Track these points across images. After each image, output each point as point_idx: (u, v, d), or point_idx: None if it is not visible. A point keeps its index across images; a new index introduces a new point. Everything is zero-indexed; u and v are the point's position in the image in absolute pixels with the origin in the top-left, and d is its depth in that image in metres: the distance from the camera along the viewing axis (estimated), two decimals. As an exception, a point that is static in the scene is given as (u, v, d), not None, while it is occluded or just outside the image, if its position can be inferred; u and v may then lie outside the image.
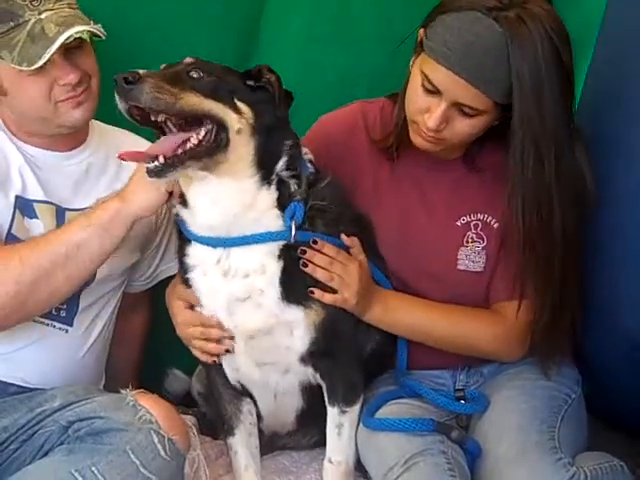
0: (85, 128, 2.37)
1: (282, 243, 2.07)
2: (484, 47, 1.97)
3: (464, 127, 2.09)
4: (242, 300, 2.08)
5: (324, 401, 2.23)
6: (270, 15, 2.67)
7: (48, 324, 2.25)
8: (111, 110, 2.37)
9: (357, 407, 2.24)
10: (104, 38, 2.19)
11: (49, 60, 2.09)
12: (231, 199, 2.03)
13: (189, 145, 1.95)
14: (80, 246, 2.07)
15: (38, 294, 2.08)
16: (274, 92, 2.04)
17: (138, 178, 2.07)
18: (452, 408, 2.28)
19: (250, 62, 2.59)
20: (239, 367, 2.21)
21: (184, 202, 2.08)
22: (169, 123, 1.98)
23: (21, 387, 2.21)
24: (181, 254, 2.18)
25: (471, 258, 2.26)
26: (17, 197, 2.22)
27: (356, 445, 2.24)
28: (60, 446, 2.03)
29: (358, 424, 2.24)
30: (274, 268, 2.07)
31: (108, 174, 2.38)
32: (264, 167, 2.05)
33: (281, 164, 2.07)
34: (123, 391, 2.09)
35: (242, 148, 2.02)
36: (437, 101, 2.06)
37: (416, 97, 2.10)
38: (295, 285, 2.08)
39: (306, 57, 2.68)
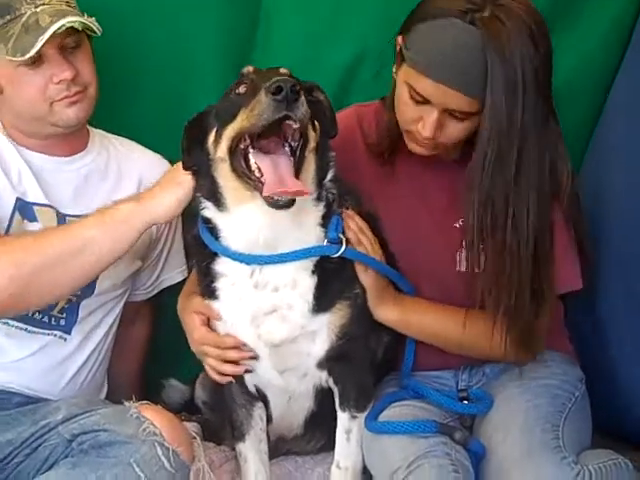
0: (84, 133, 2.38)
1: (318, 258, 2.06)
2: (466, 53, 1.96)
3: (458, 130, 2.10)
4: (268, 313, 2.07)
5: (332, 404, 2.24)
6: (267, 15, 2.66)
7: (49, 334, 2.26)
8: (110, 117, 2.41)
9: (367, 413, 2.23)
10: (99, 33, 2.20)
11: (42, 51, 2.10)
12: (288, 217, 1.99)
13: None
14: (89, 243, 2.04)
15: (37, 284, 2.04)
16: (326, 112, 2.05)
17: (163, 183, 2.06)
18: (455, 408, 2.28)
19: (248, 62, 2.61)
20: (261, 373, 2.21)
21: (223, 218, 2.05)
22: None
23: (26, 396, 2.22)
24: (207, 263, 2.13)
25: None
26: (18, 199, 2.23)
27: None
28: (64, 459, 2.03)
29: (364, 428, 2.25)
30: (308, 283, 2.06)
31: (108, 182, 2.38)
32: (320, 183, 2.06)
33: (328, 178, 2.08)
34: (127, 403, 2.09)
35: (310, 165, 2.02)
36: (428, 110, 2.06)
37: (406, 108, 2.11)
38: (326, 295, 2.08)
39: (304, 56, 2.66)
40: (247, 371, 2.17)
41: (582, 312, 2.55)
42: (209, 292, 2.14)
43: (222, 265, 2.10)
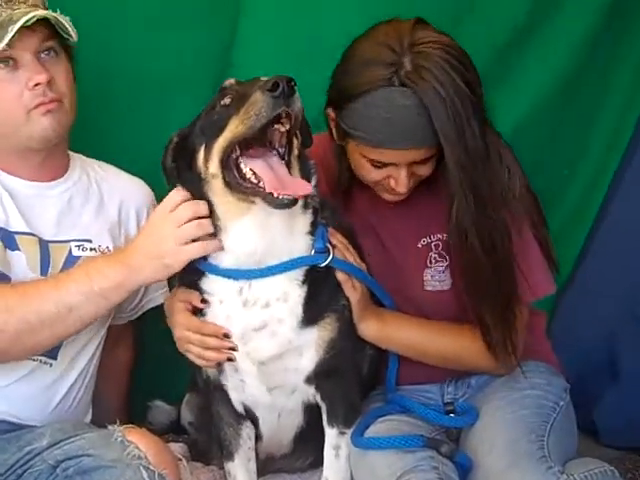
0: (64, 158, 2.36)
1: (307, 267, 2.07)
2: (411, 115, 1.98)
3: (426, 170, 2.12)
4: (257, 329, 2.07)
5: (321, 420, 2.23)
6: (243, 36, 2.68)
7: (35, 359, 2.23)
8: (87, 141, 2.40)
9: (354, 428, 2.23)
10: (74, 36, 2.20)
11: (17, 57, 2.11)
12: (280, 225, 2.01)
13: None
14: (73, 309, 2.05)
15: (21, 344, 2.07)
16: (302, 121, 2.04)
17: (145, 249, 2.04)
18: (442, 422, 2.28)
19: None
20: (249, 391, 2.20)
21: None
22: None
23: (11, 423, 2.19)
24: (194, 281, 2.12)
25: (436, 278, 2.27)
26: (0, 228, 2.20)
27: (349, 464, 2.25)
28: (49, 486, 2.02)
29: (351, 444, 2.25)
30: (297, 294, 2.06)
31: (91, 205, 2.37)
32: None
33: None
34: (111, 427, 2.08)
35: (296, 171, 2.03)
36: (394, 169, 2.09)
37: (370, 173, 2.13)
38: (315, 307, 2.09)
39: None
40: (229, 359, 2.12)
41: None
42: (196, 309, 2.13)
43: (209, 284, 2.10)
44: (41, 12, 2.13)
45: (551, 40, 2.74)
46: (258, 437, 2.33)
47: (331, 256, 2.08)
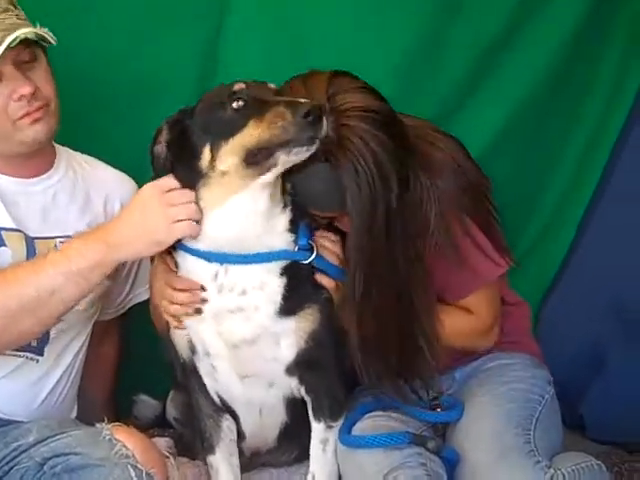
0: (50, 152, 2.34)
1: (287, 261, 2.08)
2: (334, 187, 1.99)
3: None
4: (232, 312, 2.07)
5: (305, 415, 2.23)
6: (228, 34, 2.67)
7: (22, 355, 2.22)
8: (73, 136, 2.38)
9: (342, 421, 2.24)
10: (54, 43, 2.17)
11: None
12: (261, 219, 2.03)
13: None
14: (54, 291, 2.02)
15: (6, 335, 2.05)
16: None
17: (131, 225, 2.04)
18: (427, 418, 2.28)
19: (211, 80, 2.61)
20: (220, 379, 2.20)
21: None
22: None
23: (-2, 419, 2.19)
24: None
25: None
26: None
27: (336, 461, 2.25)
28: (36, 484, 2.00)
29: (338, 439, 2.25)
30: (276, 284, 2.07)
31: (77, 202, 2.35)
32: (284, 191, 2.08)
33: (289, 186, 2.08)
34: (99, 425, 2.07)
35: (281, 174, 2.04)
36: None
37: (321, 219, 2.15)
38: (294, 298, 2.09)
39: (268, 75, 2.65)
40: (197, 311, 2.12)
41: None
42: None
43: (184, 263, 2.11)
44: (22, 30, 2.07)
45: (538, 35, 2.74)
46: (241, 435, 2.33)
47: (314, 254, 2.09)
